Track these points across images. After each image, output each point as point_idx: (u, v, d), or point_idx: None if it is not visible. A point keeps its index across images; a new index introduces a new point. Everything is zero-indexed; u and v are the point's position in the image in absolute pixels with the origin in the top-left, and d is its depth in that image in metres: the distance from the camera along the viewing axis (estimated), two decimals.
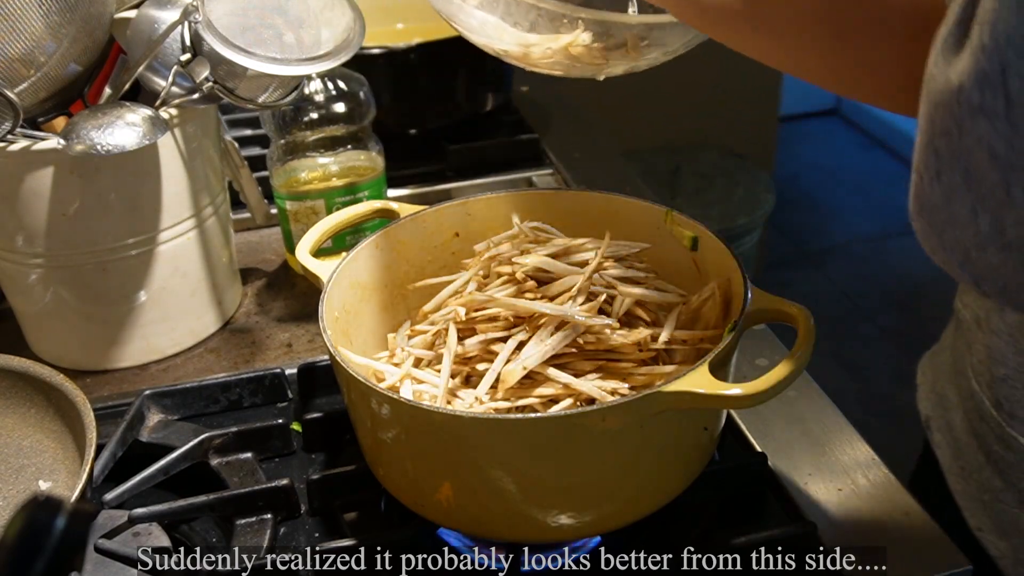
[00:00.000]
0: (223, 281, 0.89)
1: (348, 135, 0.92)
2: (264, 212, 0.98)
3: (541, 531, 0.57)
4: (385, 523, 0.65)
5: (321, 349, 0.85)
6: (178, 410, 0.76)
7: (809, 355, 0.54)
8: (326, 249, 0.79)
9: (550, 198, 0.73)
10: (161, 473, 0.68)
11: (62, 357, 0.84)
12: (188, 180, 0.81)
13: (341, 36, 0.77)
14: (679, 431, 0.57)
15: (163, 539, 0.62)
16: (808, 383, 0.76)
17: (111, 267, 0.79)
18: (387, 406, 0.54)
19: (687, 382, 0.51)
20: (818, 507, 0.64)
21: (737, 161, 2.37)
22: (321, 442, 0.72)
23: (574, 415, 0.52)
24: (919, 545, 0.61)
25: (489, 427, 0.53)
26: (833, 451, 0.69)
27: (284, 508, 0.66)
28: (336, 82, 0.91)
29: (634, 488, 0.58)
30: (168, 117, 0.76)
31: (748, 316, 0.57)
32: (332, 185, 0.92)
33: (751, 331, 0.71)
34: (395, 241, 0.71)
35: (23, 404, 0.68)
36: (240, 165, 0.93)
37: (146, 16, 0.75)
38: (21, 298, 0.84)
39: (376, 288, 0.70)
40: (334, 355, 0.57)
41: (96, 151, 0.70)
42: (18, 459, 0.67)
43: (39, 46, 0.71)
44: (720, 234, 0.65)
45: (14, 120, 0.71)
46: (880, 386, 2.33)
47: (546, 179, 1.13)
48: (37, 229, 0.76)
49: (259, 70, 0.72)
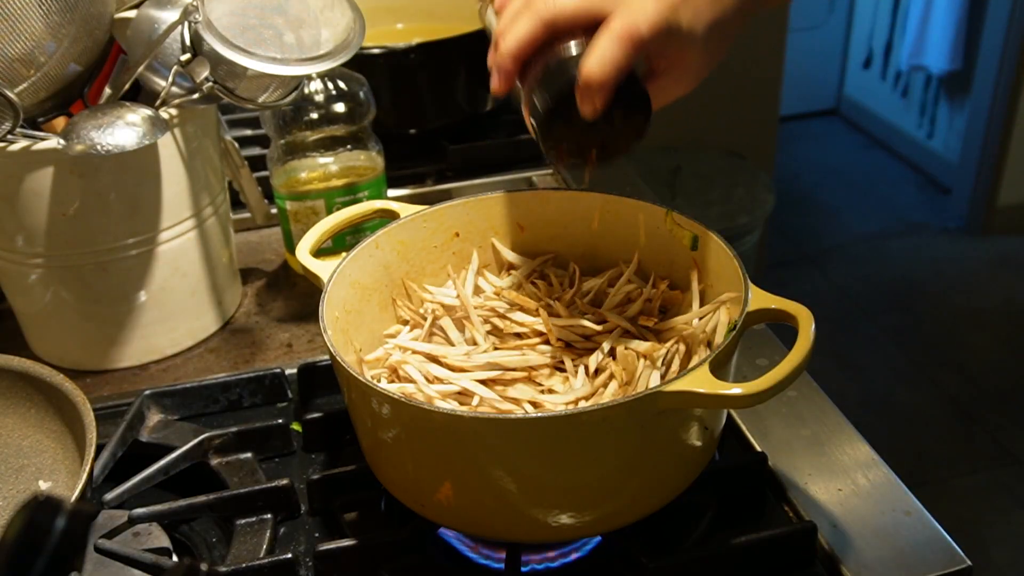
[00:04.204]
0: (223, 281, 0.89)
1: (348, 135, 0.92)
2: (264, 212, 0.98)
3: (541, 531, 0.57)
4: (385, 523, 0.65)
5: (321, 349, 0.85)
6: (178, 410, 0.76)
7: (809, 355, 0.54)
8: (326, 249, 0.79)
9: (550, 198, 0.73)
10: (161, 473, 0.68)
11: (62, 357, 0.84)
12: (188, 180, 0.81)
13: (341, 36, 0.77)
14: (679, 431, 0.57)
15: (163, 539, 0.62)
16: (808, 383, 0.76)
17: (111, 267, 0.79)
18: (387, 406, 0.54)
19: (687, 382, 0.51)
20: (818, 507, 0.64)
21: (737, 161, 2.37)
22: (321, 442, 0.72)
23: (574, 415, 0.52)
24: (919, 545, 0.61)
25: (489, 427, 0.53)
26: (833, 451, 0.69)
27: (284, 508, 0.66)
28: (336, 82, 0.91)
29: (634, 488, 0.58)
30: (168, 117, 0.76)
31: (748, 316, 0.57)
32: (332, 185, 0.92)
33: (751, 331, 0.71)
34: (395, 241, 0.71)
35: (23, 404, 0.68)
36: (240, 165, 0.93)
37: (146, 16, 0.75)
38: (21, 298, 0.84)
39: (376, 288, 0.70)
40: (334, 355, 0.57)
41: (96, 151, 0.70)
42: (18, 459, 0.67)
43: (39, 46, 0.71)
44: (720, 234, 0.65)
45: (14, 120, 0.71)
46: (880, 386, 2.34)
47: (546, 179, 1.13)
48: (37, 229, 0.76)
49: (259, 70, 0.72)
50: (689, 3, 0.54)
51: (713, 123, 2.39)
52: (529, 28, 0.54)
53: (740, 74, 2.32)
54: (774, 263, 2.78)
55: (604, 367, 0.62)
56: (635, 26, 0.52)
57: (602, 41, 0.52)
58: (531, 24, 0.54)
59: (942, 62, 3.01)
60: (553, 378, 0.63)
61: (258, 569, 0.59)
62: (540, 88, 0.54)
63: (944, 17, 2.99)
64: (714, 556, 0.60)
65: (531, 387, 0.62)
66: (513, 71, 0.55)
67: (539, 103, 0.54)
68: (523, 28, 0.54)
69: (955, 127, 3.06)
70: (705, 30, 0.55)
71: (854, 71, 3.58)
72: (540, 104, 0.54)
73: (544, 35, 0.54)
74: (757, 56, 2.32)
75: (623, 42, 0.52)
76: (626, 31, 0.52)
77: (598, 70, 0.52)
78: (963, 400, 2.27)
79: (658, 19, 0.52)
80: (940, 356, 2.42)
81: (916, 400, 2.29)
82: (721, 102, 2.35)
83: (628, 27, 0.52)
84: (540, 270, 0.73)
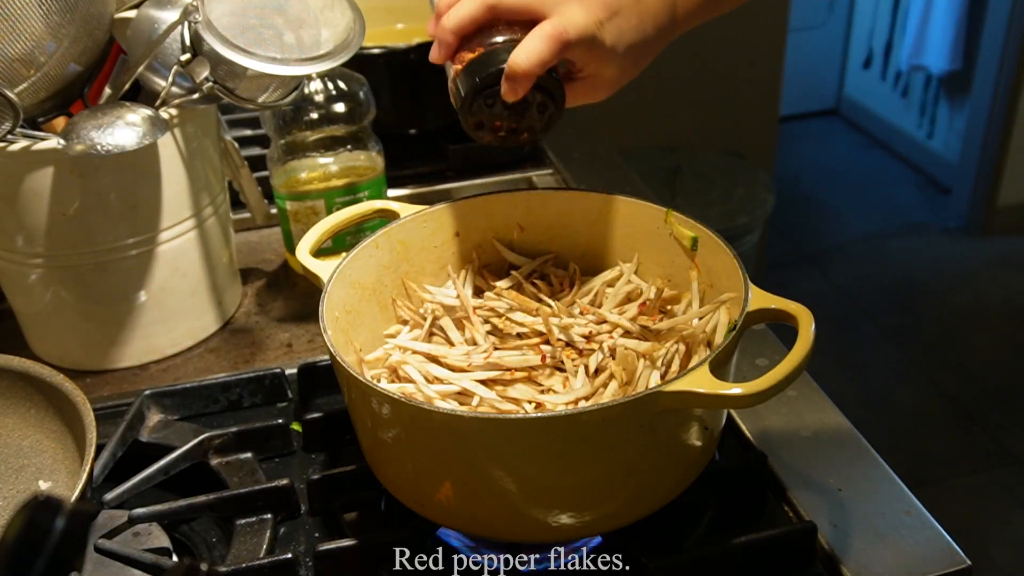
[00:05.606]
0: (223, 281, 0.89)
1: (348, 135, 0.92)
2: (264, 212, 0.98)
3: (541, 531, 0.57)
4: (385, 523, 0.65)
5: (321, 349, 0.85)
6: (178, 410, 0.76)
7: (809, 355, 0.54)
8: (326, 249, 0.79)
9: (550, 198, 0.73)
10: (161, 473, 0.68)
11: (62, 357, 0.84)
12: (188, 180, 0.81)
13: (341, 36, 0.77)
14: (679, 431, 0.57)
15: (163, 539, 0.62)
16: (808, 383, 0.76)
17: (111, 267, 0.79)
18: (387, 406, 0.54)
19: (687, 382, 0.51)
20: (818, 507, 0.64)
21: (737, 161, 2.37)
22: (321, 442, 0.72)
23: (574, 415, 0.52)
24: (919, 545, 0.61)
25: (489, 427, 0.53)
26: (833, 451, 0.69)
27: (284, 508, 0.66)
28: (336, 82, 0.91)
29: (634, 488, 0.58)
30: (168, 117, 0.76)
31: (748, 316, 0.57)
32: (332, 185, 0.92)
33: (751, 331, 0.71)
34: (395, 241, 0.71)
35: (23, 404, 0.68)
36: (240, 165, 0.93)
37: (146, 16, 0.75)
38: (21, 298, 0.84)
39: (376, 288, 0.70)
40: (334, 355, 0.57)
41: (96, 151, 0.70)
42: (18, 459, 0.67)
43: (39, 46, 0.71)
44: (720, 234, 0.65)
45: (14, 120, 0.71)
46: (880, 386, 2.34)
47: (546, 179, 1.13)
48: (37, 229, 0.76)
49: (259, 70, 0.72)
50: (615, 23, 0.60)
51: (713, 123, 2.39)
52: (473, 9, 0.60)
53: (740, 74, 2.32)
54: (774, 263, 2.78)
55: (604, 367, 0.62)
56: (564, 30, 0.58)
57: (533, 37, 0.58)
58: (476, 6, 0.60)
59: (942, 62, 3.01)
60: (553, 378, 0.63)
61: (258, 569, 0.59)
62: (472, 68, 0.61)
63: (944, 17, 2.99)
64: (714, 556, 0.60)
65: (531, 387, 0.62)
66: (453, 45, 0.62)
67: (468, 81, 0.61)
68: (467, 8, 0.60)
69: (955, 127, 3.06)
70: (625, 49, 0.62)
71: (854, 71, 3.58)
72: (468, 82, 0.61)
73: (485, 18, 0.61)
74: (757, 56, 2.32)
75: (551, 41, 0.58)
76: (555, 32, 0.58)
77: (524, 62, 0.58)
78: (963, 400, 2.27)
79: (585, 30, 0.59)
80: (940, 356, 2.42)
81: (916, 400, 2.29)
82: (721, 102, 2.35)
83: (558, 29, 0.58)
84: (540, 270, 0.73)
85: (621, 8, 0.60)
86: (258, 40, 0.73)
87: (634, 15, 0.61)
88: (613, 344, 0.63)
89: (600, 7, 0.59)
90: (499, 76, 0.59)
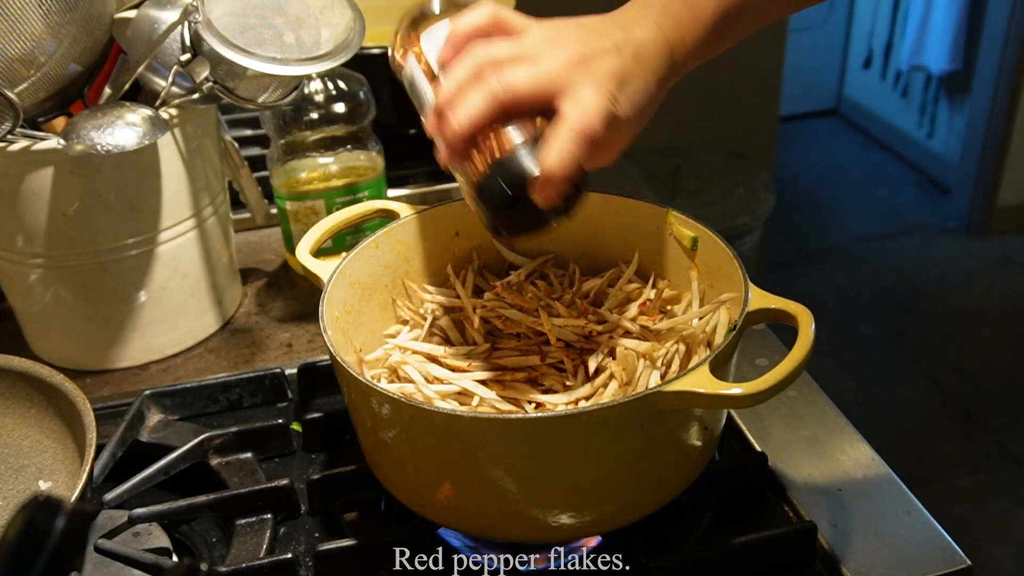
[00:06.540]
0: (223, 281, 0.89)
1: (348, 135, 0.92)
2: (264, 212, 0.98)
3: (541, 531, 0.57)
4: (385, 523, 0.65)
5: (321, 349, 0.85)
6: (178, 410, 0.76)
7: (809, 355, 0.54)
8: (326, 249, 0.79)
9: None
10: (161, 473, 0.68)
11: (62, 357, 0.84)
12: (188, 180, 0.81)
13: (341, 36, 0.77)
14: (679, 431, 0.57)
15: (163, 539, 0.62)
16: (808, 383, 0.76)
17: (111, 267, 0.79)
18: (387, 406, 0.54)
19: (687, 382, 0.51)
20: (818, 507, 0.64)
21: (737, 161, 2.37)
22: (321, 442, 0.72)
23: (574, 415, 0.52)
24: (919, 545, 0.61)
25: (489, 427, 0.53)
26: (833, 451, 0.69)
27: (284, 508, 0.66)
28: (336, 82, 0.91)
29: (634, 488, 0.58)
30: (168, 117, 0.76)
31: (748, 316, 0.57)
32: (332, 185, 0.92)
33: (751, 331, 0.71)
34: (395, 241, 0.71)
35: (23, 404, 0.68)
36: (240, 165, 0.93)
37: (146, 16, 0.75)
38: (21, 298, 0.84)
39: (376, 288, 0.70)
40: (334, 355, 0.57)
41: (96, 151, 0.70)
42: (18, 459, 0.67)
43: (39, 46, 0.71)
44: (720, 234, 0.65)
45: (14, 120, 0.71)
46: (880, 386, 2.34)
47: None
48: (37, 229, 0.76)
49: (259, 70, 0.72)
50: (626, 93, 0.56)
51: (713, 123, 2.39)
52: (483, 108, 0.54)
53: (740, 74, 2.32)
54: (774, 263, 2.78)
55: (604, 367, 0.62)
56: (590, 123, 0.53)
57: (561, 137, 0.53)
58: (486, 104, 0.54)
59: (942, 62, 3.01)
60: (553, 378, 0.63)
61: (258, 569, 0.59)
62: (498, 174, 0.55)
63: (944, 17, 2.99)
64: (714, 556, 0.60)
65: (531, 387, 0.62)
66: (465, 149, 0.56)
67: (496, 191, 0.55)
68: (477, 107, 0.54)
69: (955, 127, 3.06)
70: (636, 115, 0.57)
71: (854, 71, 3.58)
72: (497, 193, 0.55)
73: (498, 116, 0.55)
74: (757, 56, 2.32)
75: (580, 139, 0.53)
76: (582, 128, 0.53)
77: (559, 168, 0.53)
78: (963, 400, 2.27)
79: (605, 113, 0.54)
80: (940, 356, 2.42)
81: (916, 400, 2.29)
82: (721, 102, 2.35)
83: (583, 124, 0.53)
84: (540, 270, 0.73)
85: (627, 74, 0.56)
86: (258, 40, 0.73)
87: (639, 77, 0.57)
88: (613, 344, 0.63)
89: (609, 79, 0.55)
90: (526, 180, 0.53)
